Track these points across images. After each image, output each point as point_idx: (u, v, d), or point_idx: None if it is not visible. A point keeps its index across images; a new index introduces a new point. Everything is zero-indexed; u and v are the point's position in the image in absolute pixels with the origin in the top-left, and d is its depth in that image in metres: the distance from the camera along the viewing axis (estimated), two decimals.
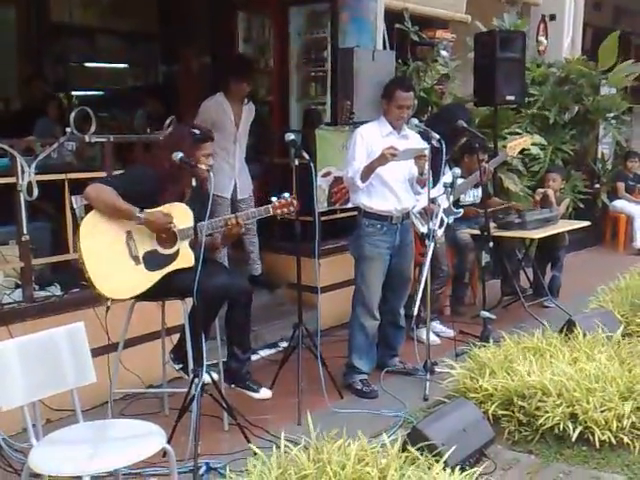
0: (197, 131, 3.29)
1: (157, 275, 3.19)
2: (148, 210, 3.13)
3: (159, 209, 3.17)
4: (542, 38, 8.56)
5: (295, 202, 3.41)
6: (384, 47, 5.95)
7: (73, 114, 3.80)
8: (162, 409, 3.71)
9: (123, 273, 3.14)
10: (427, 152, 3.89)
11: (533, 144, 6.80)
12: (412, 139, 4.12)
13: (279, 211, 3.39)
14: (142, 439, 2.46)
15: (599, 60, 7.65)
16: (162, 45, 8.45)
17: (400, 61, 6.08)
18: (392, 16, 6.21)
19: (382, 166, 3.83)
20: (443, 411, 3.18)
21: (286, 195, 3.41)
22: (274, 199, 3.41)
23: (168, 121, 4.25)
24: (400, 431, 3.36)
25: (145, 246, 3.19)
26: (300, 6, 5.71)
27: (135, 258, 3.16)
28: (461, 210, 5.17)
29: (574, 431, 3.18)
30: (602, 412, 3.20)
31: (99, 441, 2.52)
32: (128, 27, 8.15)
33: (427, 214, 4.44)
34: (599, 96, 7.76)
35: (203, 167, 3.17)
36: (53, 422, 3.31)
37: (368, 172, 3.86)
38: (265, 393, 3.59)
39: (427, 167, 3.92)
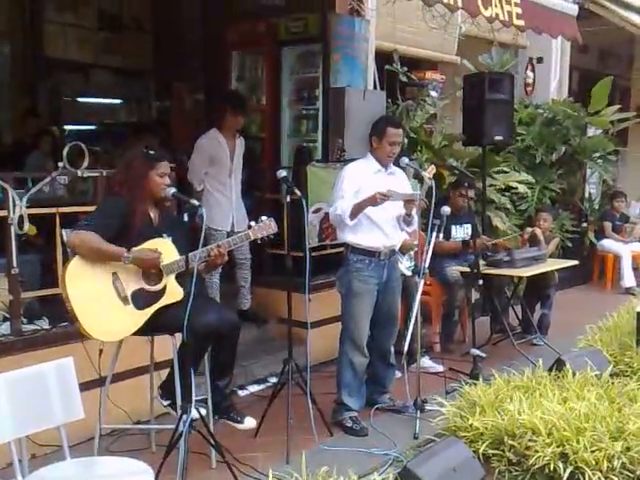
0: (151, 151, 3.32)
1: (147, 313, 3.17)
2: (135, 248, 3.13)
3: (143, 246, 3.18)
4: (529, 72, 8.74)
5: (273, 224, 3.41)
6: (375, 87, 6.07)
7: (66, 149, 3.82)
8: (149, 445, 3.65)
9: (113, 315, 3.12)
10: (417, 197, 3.96)
11: (520, 182, 6.91)
12: (399, 177, 4.18)
13: (259, 234, 3.39)
14: (129, 477, 2.44)
15: (591, 102, 7.80)
16: (156, 81, 8.55)
17: (390, 101, 6.19)
18: (383, 57, 6.34)
19: (372, 206, 3.87)
20: (433, 450, 3.16)
21: (264, 218, 3.41)
22: (253, 223, 3.42)
23: None
24: (390, 470, 3.32)
25: (132, 285, 3.17)
26: (293, 46, 5.82)
27: (124, 299, 3.15)
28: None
29: (565, 471, 3.16)
30: (592, 452, 3.19)
31: (86, 479, 2.49)
32: (122, 63, 8.26)
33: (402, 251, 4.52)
34: (586, 137, 7.91)
35: (195, 202, 3.19)
36: (38, 457, 3.25)
37: (358, 211, 3.89)
38: (249, 423, 3.54)
39: (415, 210, 3.99)
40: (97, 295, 3.10)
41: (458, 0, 4.41)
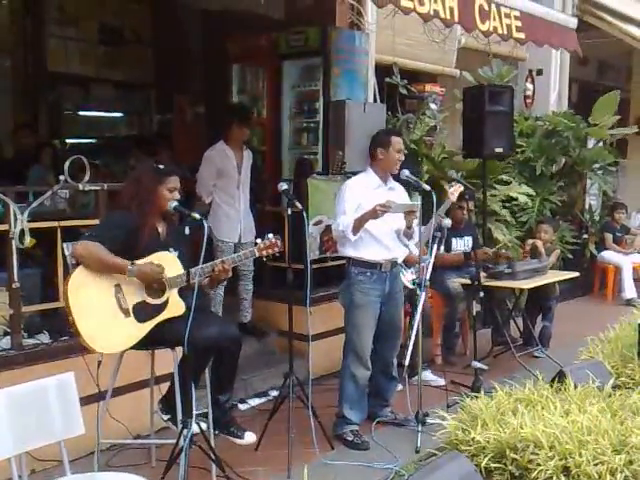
0: (161, 166, 3.34)
1: (148, 326, 3.17)
2: (139, 262, 3.14)
3: (149, 259, 3.18)
4: (529, 84, 8.77)
5: (279, 242, 3.43)
6: (375, 100, 6.09)
7: (67, 163, 3.83)
8: (149, 460, 3.64)
9: (114, 327, 3.11)
10: (418, 208, 3.97)
11: (521, 193, 6.92)
12: (398, 191, 4.20)
13: (264, 252, 3.40)
14: None
15: (593, 114, 7.81)
16: (157, 94, 8.59)
17: (390, 113, 6.21)
18: (383, 70, 6.37)
19: (373, 220, 3.88)
20: (435, 464, 3.13)
21: (270, 236, 3.43)
22: (259, 241, 3.44)
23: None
24: None
25: (134, 298, 3.17)
26: (293, 60, 5.84)
27: (125, 311, 3.14)
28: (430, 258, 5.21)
29: None
30: (595, 465, 3.16)
31: None
32: (123, 76, 8.30)
33: (407, 264, 4.50)
34: (585, 148, 7.92)
35: (197, 216, 3.19)
36: (38, 473, 3.24)
37: (359, 225, 3.90)
38: (249, 438, 3.53)
39: (415, 222, 4.00)
40: (99, 306, 3.10)
41: (454, 15, 4.43)
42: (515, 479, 3.31)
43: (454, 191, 4.69)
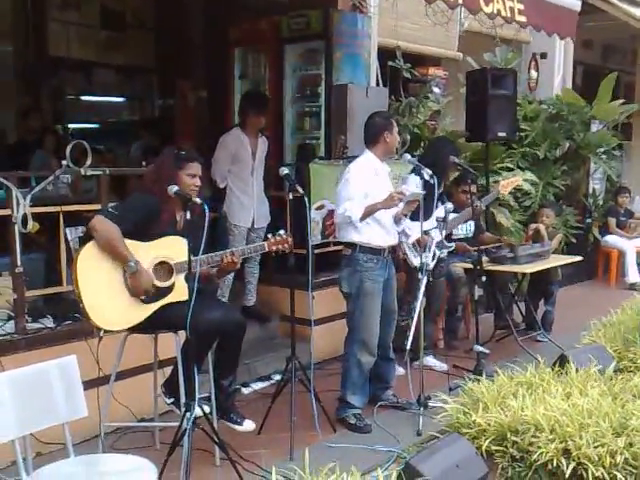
0: (182, 152, 3.34)
1: (152, 307, 3.19)
2: (143, 265, 3.14)
3: (162, 241, 3.19)
4: (533, 71, 8.73)
5: (290, 240, 3.46)
6: (377, 84, 6.06)
7: (69, 147, 3.83)
8: (153, 443, 3.67)
9: (118, 304, 3.13)
10: (421, 198, 3.99)
11: (525, 180, 6.90)
12: (389, 174, 4.25)
13: (274, 248, 3.44)
14: (133, 474, 2.46)
15: (597, 101, 7.77)
16: (159, 79, 8.57)
17: (393, 97, 6.18)
18: (386, 53, 6.33)
19: (386, 208, 3.90)
20: (436, 447, 3.16)
21: (282, 232, 3.45)
22: (269, 236, 3.45)
23: None
24: (393, 466, 3.34)
25: None
26: (295, 43, 5.81)
27: (131, 290, 3.16)
28: (453, 244, 5.21)
29: (567, 467, 3.16)
30: (595, 448, 3.18)
31: (90, 476, 2.51)
32: (125, 61, 8.28)
33: (420, 246, 4.49)
34: (590, 132, 7.88)
35: (197, 201, 3.18)
36: (43, 455, 3.27)
37: (370, 213, 3.90)
38: (248, 425, 3.56)
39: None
40: (105, 281, 3.12)
41: None
42: (516, 461, 3.33)
43: (507, 184, 4.58)
